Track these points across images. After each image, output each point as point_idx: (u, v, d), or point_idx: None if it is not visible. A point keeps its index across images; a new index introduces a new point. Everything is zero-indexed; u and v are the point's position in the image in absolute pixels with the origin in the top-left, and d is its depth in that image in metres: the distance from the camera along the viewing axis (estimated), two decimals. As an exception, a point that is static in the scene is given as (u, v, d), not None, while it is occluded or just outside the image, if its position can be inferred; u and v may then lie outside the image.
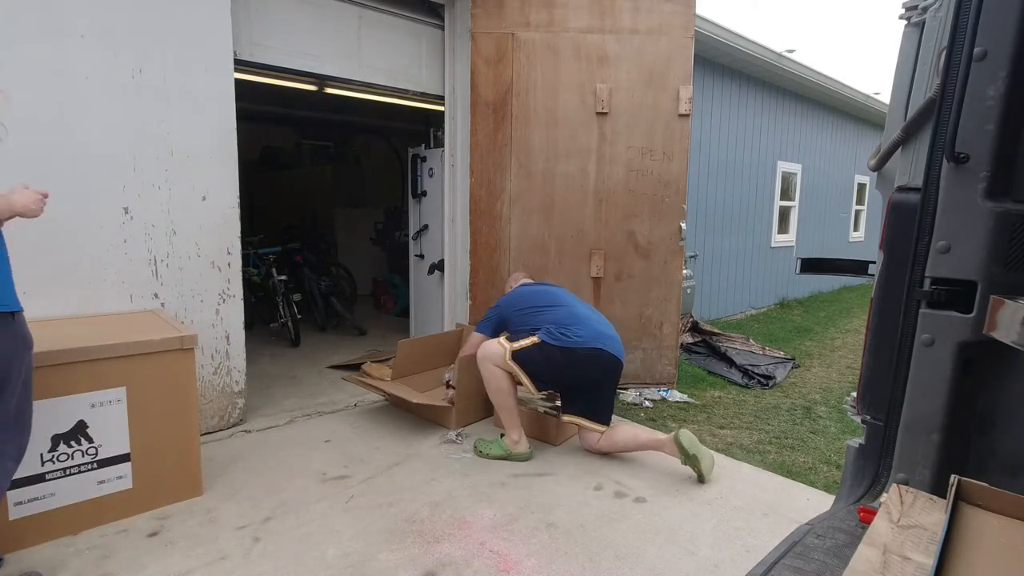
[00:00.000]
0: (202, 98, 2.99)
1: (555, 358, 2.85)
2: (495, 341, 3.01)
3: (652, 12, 3.86)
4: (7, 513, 2.10)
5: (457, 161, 4.40)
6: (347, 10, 3.81)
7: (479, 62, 3.95)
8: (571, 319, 2.93)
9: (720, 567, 2.15)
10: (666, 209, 3.99)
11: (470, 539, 2.28)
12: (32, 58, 2.51)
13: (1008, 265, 1.19)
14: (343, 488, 2.67)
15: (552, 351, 2.85)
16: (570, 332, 2.86)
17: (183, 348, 2.44)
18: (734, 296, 7.64)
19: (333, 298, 5.94)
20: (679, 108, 3.91)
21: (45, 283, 2.61)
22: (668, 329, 4.09)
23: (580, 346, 2.84)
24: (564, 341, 2.84)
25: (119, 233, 2.81)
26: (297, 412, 3.64)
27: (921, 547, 1.02)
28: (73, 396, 2.20)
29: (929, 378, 1.29)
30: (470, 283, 4.23)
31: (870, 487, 1.41)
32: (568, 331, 2.87)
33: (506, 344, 2.95)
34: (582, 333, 2.87)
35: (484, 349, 3.00)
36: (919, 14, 1.39)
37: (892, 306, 1.36)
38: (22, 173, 2.53)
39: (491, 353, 2.96)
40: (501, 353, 2.93)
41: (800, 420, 3.93)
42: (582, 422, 2.98)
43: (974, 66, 1.16)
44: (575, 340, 2.84)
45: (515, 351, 2.92)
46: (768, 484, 2.85)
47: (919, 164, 1.32)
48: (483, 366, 2.98)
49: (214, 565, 2.08)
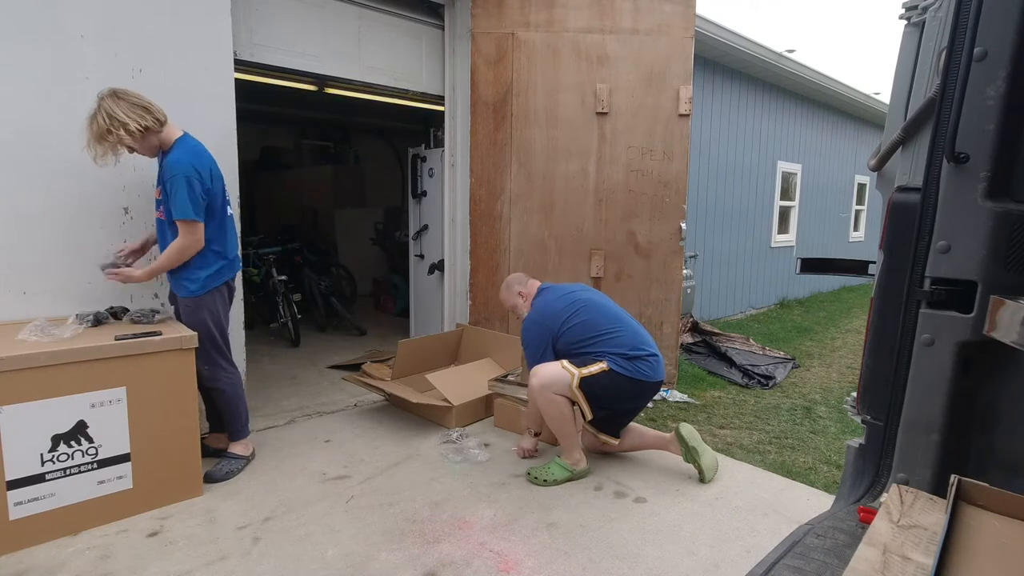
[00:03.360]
0: (202, 98, 2.99)
1: (624, 388, 2.69)
2: (557, 365, 2.70)
3: (652, 12, 3.86)
4: (7, 513, 2.10)
5: (457, 161, 4.40)
6: (347, 10, 3.81)
7: (479, 62, 3.95)
8: (637, 344, 2.75)
9: (720, 567, 2.15)
10: (666, 209, 3.99)
11: (470, 539, 2.28)
12: (32, 58, 2.51)
13: (1008, 265, 1.19)
14: (343, 488, 2.67)
15: (622, 381, 2.67)
16: (640, 362, 2.71)
17: (183, 348, 2.44)
18: (734, 296, 7.64)
19: (333, 298, 5.94)
20: (679, 108, 3.91)
21: (45, 283, 2.62)
22: (668, 329, 4.09)
23: (649, 379, 2.72)
24: (634, 372, 2.68)
25: (119, 233, 2.80)
26: (297, 412, 3.64)
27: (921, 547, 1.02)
28: (73, 396, 2.20)
29: (929, 378, 1.29)
30: (470, 283, 4.23)
31: (870, 487, 1.41)
32: (639, 360, 2.71)
33: (574, 370, 2.67)
34: (652, 363, 2.74)
35: (544, 376, 2.69)
36: (919, 14, 1.39)
37: (892, 306, 1.36)
38: (22, 173, 2.53)
39: (555, 380, 2.67)
40: (568, 381, 2.66)
41: (800, 420, 3.93)
42: (603, 436, 2.92)
43: (974, 66, 1.16)
44: (645, 372, 2.70)
45: (584, 378, 2.66)
46: (768, 484, 2.84)
47: (919, 164, 1.32)
48: (543, 395, 2.69)
49: (214, 565, 2.08)
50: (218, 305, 2.69)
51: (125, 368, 2.30)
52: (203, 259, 2.60)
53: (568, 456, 2.80)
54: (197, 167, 2.49)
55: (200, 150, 2.58)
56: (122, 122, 2.34)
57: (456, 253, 4.51)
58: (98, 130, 2.34)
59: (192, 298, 2.61)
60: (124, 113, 2.36)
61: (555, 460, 2.81)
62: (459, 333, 4.23)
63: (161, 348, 2.38)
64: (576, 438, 2.80)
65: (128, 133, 2.36)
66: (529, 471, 2.81)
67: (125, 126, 2.35)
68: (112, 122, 2.33)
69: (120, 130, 2.34)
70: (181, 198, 2.44)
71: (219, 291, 2.69)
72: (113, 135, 2.35)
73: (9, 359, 2.05)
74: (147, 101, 2.45)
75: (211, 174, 2.57)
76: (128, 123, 2.36)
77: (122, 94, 2.40)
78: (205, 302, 2.63)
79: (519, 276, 3.19)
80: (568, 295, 2.94)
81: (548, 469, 2.78)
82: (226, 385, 2.74)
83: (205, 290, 2.62)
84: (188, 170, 2.45)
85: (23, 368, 2.08)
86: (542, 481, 2.74)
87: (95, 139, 2.35)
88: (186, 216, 2.46)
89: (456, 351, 4.20)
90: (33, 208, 2.56)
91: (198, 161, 2.52)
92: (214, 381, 2.70)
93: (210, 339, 2.64)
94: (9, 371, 2.06)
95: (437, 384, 3.49)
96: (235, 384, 2.79)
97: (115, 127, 2.34)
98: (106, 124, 2.33)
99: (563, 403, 2.69)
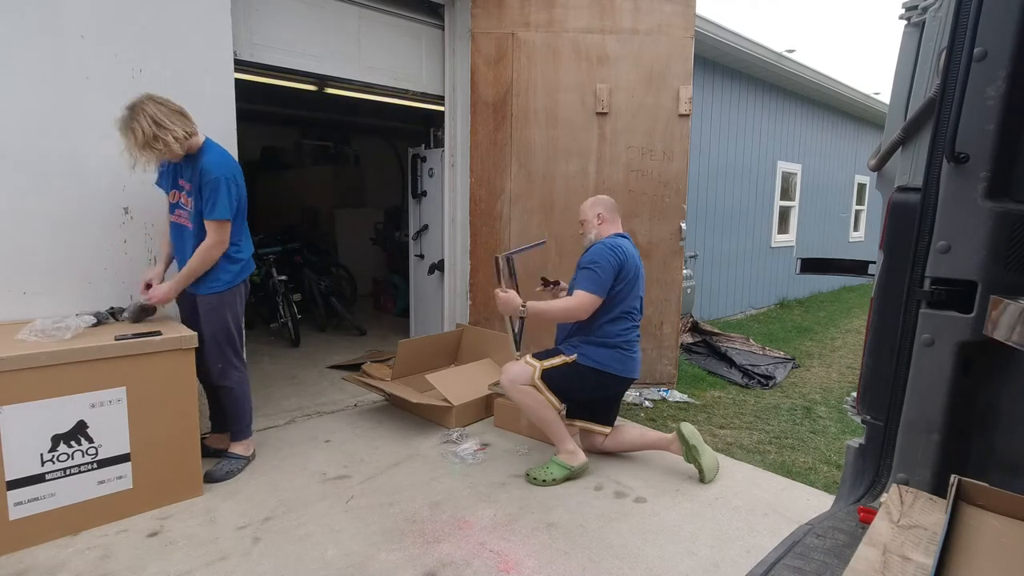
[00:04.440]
0: (202, 98, 2.98)
1: (588, 379, 2.74)
2: (521, 362, 2.78)
3: (652, 12, 3.86)
4: (7, 513, 2.10)
5: (457, 161, 4.40)
6: (347, 10, 3.81)
7: (479, 62, 3.95)
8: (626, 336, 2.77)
9: (720, 567, 2.15)
10: (666, 209, 3.99)
11: (470, 539, 2.28)
12: (32, 58, 2.51)
13: (1008, 265, 1.19)
14: (343, 488, 2.67)
15: (586, 372, 2.72)
16: (623, 353, 2.75)
17: (183, 348, 2.44)
18: (734, 296, 7.64)
19: (333, 298, 5.93)
20: (679, 108, 3.91)
21: (45, 283, 2.62)
22: (668, 329, 4.09)
23: (619, 374, 2.75)
24: (606, 366, 2.71)
25: (119, 233, 2.80)
26: (297, 412, 3.64)
27: (921, 547, 1.02)
28: (73, 396, 2.20)
29: (929, 378, 1.29)
30: (470, 283, 4.23)
31: (870, 487, 1.41)
32: (622, 351, 2.74)
33: (535, 363, 2.74)
34: (629, 359, 2.77)
35: (511, 372, 2.76)
36: (919, 14, 1.39)
37: (892, 306, 1.36)
38: (22, 174, 2.53)
39: (519, 374, 2.75)
40: (530, 373, 2.73)
41: (800, 420, 3.93)
42: (591, 426, 2.95)
43: (974, 66, 1.16)
44: (614, 367, 2.73)
45: (546, 370, 2.71)
46: (768, 484, 2.84)
47: (919, 164, 1.32)
48: (514, 389, 2.76)
49: (214, 565, 2.08)
50: (238, 303, 2.73)
51: (125, 368, 2.30)
52: (229, 258, 2.64)
53: (562, 450, 2.80)
54: (234, 170, 2.58)
55: (228, 153, 2.65)
56: (169, 128, 2.35)
57: (456, 253, 4.51)
58: (144, 137, 2.32)
59: (215, 295, 2.63)
60: (169, 119, 2.36)
61: (553, 460, 2.80)
62: (459, 333, 4.23)
63: (161, 348, 2.38)
64: (560, 426, 2.80)
65: (175, 140, 2.37)
66: (528, 471, 2.81)
67: (172, 132, 2.36)
68: (160, 129, 2.33)
69: (168, 136, 2.35)
70: (222, 201, 2.49)
71: (238, 289, 2.72)
72: (161, 142, 2.34)
73: (9, 359, 2.05)
74: (182, 106, 2.46)
75: (241, 176, 2.64)
76: (175, 129, 2.37)
77: (161, 100, 2.39)
78: (227, 300, 2.66)
79: (610, 202, 2.94)
80: (638, 266, 2.83)
81: (547, 469, 2.78)
82: (236, 384, 2.75)
83: (228, 287, 2.65)
84: (228, 173, 2.52)
85: (23, 368, 2.08)
86: (541, 481, 2.74)
87: (139, 147, 2.33)
88: (222, 216, 2.51)
89: (456, 351, 4.20)
90: (33, 208, 2.56)
91: (233, 164, 2.61)
92: (225, 379, 2.71)
93: (227, 337, 2.66)
94: (9, 371, 2.05)
95: (437, 384, 3.49)
96: (244, 383, 2.80)
97: (163, 134, 2.33)
98: (152, 131, 2.32)
99: (532, 392, 2.73)
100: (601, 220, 2.88)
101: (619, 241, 2.79)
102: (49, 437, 2.17)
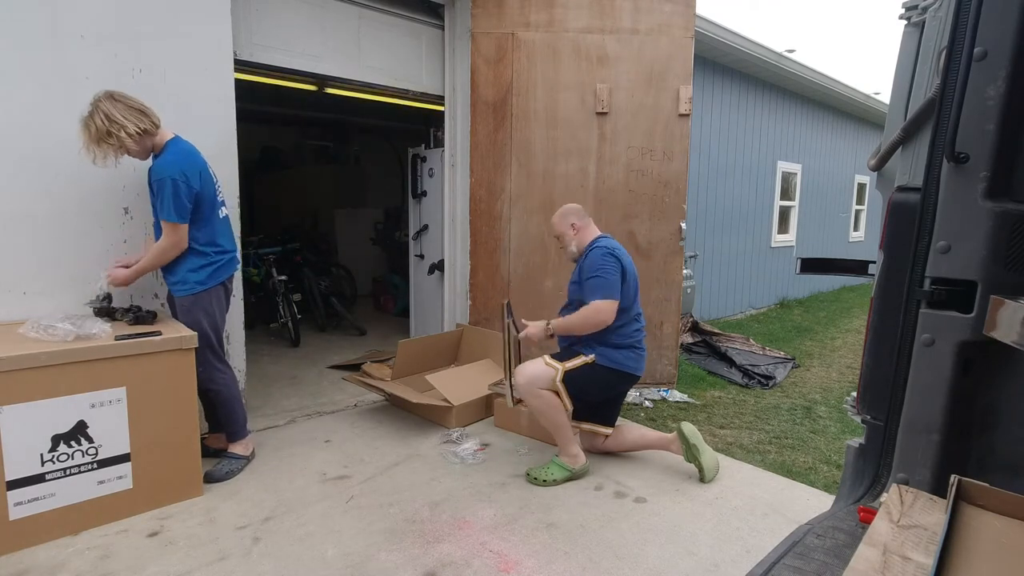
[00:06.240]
0: (202, 98, 2.99)
1: (606, 380, 2.75)
2: (540, 363, 2.75)
3: (652, 12, 3.85)
4: (7, 513, 2.10)
5: (457, 161, 4.40)
6: (347, 10, 3.81)
7: (479, 62, 3.95)
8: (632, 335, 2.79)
9: (720, 567, 2.15)
10: (666, 209, 3.99)
11: (470, 539, 2.28)
12: (32, 58, 2.51)
13: (1008, 265, 1.19)
14: (343, 488, 2.67)
15: (603, 373, 2.72)
16: (637, 352, 2.77)
17: (183, 348, 2.44)
18: (734, 296, 7.64)
19: (333, 298, 5.94)
20: (679, 108, 3.90)
21: (46, 283, 2.62)
22: (668, 329, 4.09)
23: (634, 372, 2.77)
24: (623, 366, 2.73)
25: (119, 233, 2.81)
26: (297, 412, 3.64)
27: (921, 547, 1.02)
28: (73, 396, 2.20)
29: (929, 378, 1.29)
30: (470, 283, 4.23)
31: (870, 487, 1.41)
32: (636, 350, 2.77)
33: (557, 365, 2.72)
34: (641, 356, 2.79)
35: (528, 374, 2.71)
36: (919, 14, 1.39)
37: (892, 306, 1.36)
38: (21, 173, 2.53)
39: (538, 376, 2.70)
40: (552, 376, 2.70)
41: (800, 420, 3.93)
42: (596, 428, 2.94)
43: (974, 66, 1.16)
44: (628, 365, 2.74)
45: (568, 371, 2.69)
46: (768, 484, 2.84)
47: (919, 164, 1.32)
48: (529, 391, 2.71)
49: (214, 565, 2.08)
50: (214, 305, 2.69)
51: (125, 368, 2.30)
52: (191, 260, 2.61)
53: (565, 452, 2.80)
54: (184, 170, 2.49)
55: (190, 151, 2.58)
56: (121, 124, 2.36)
57: (456, 253, 4.51)
58: (97, 132, 2.34)
59: (189, 296, 2.62)
60: (123, 115, 2.37)
61: (554, 460, 2.80)
62: (459, 333, 4.23)
63: (161, 348, 2.38)
64: (569, 430, 2.79)
65: (128, 136, 2.38)
66: (529, 471, 2.81)
67: (124, 128, 2.36)
68: (112, 124, 2.34)
69: (121, 132, 2.35)
70: (166, 201, 2.45)
71: (215, 291, 2.69)
72: (114, 137, 2.36)
73: (9, 359, 2.05)
74: (143, 104, 2.47)
75: (200, 176, 2.57)
76: (127, 125, 2.37)
77: (119, 96, 2.41)
78: (201, 301, 2.64)
79: (577, 208, 2.95)
80: (631, 262, 2.82)
81: (547, 469, 2.77)
82: (221, 386, 2.74)
83: (200, 289, 2.63)
84: (174, 173, 2.46)
85: (23, 368, 2.08)
86: (542, 481, 2.74)
87: (93, 141, 2.36)
88: (169, 219, 2.48)
89: (456, 351, 4.20)
90: (33, 208, 2.56)
91: (186, 164, 2.52)
92: (209, 382, 2.70)
93: (204, 339, 2.63)
94: (9, 371, 2.06)
95: (437, 384, 3.49)
96: (230, 385, 2.79)
97: (115, 129, 2.35)
98: (105, 126, 2.34)
99: (549, 396, 2.70)
100: (576, 229, 2.89)
101: (607, 242, 2.82)
102: (49, 437, 2.17)
